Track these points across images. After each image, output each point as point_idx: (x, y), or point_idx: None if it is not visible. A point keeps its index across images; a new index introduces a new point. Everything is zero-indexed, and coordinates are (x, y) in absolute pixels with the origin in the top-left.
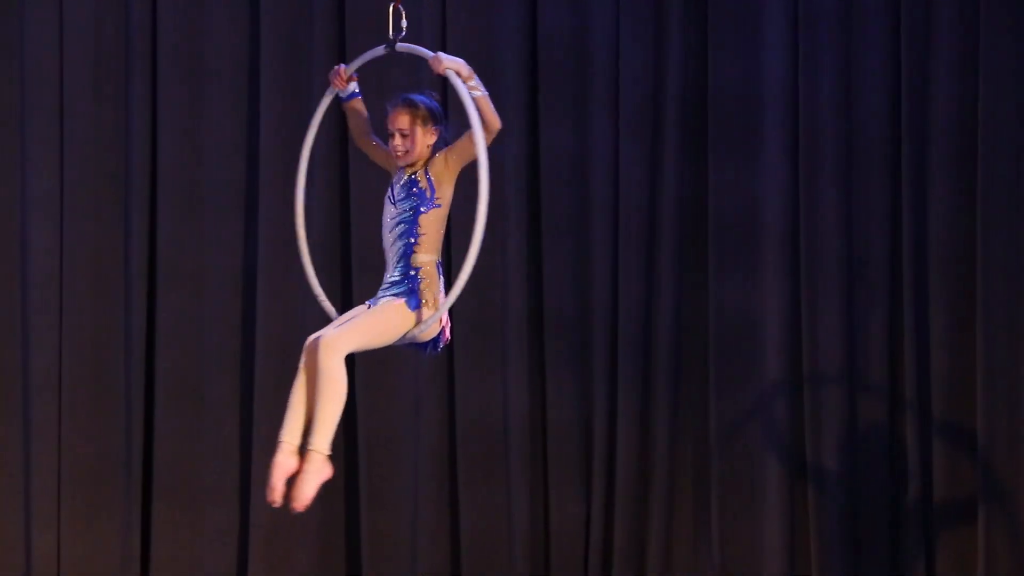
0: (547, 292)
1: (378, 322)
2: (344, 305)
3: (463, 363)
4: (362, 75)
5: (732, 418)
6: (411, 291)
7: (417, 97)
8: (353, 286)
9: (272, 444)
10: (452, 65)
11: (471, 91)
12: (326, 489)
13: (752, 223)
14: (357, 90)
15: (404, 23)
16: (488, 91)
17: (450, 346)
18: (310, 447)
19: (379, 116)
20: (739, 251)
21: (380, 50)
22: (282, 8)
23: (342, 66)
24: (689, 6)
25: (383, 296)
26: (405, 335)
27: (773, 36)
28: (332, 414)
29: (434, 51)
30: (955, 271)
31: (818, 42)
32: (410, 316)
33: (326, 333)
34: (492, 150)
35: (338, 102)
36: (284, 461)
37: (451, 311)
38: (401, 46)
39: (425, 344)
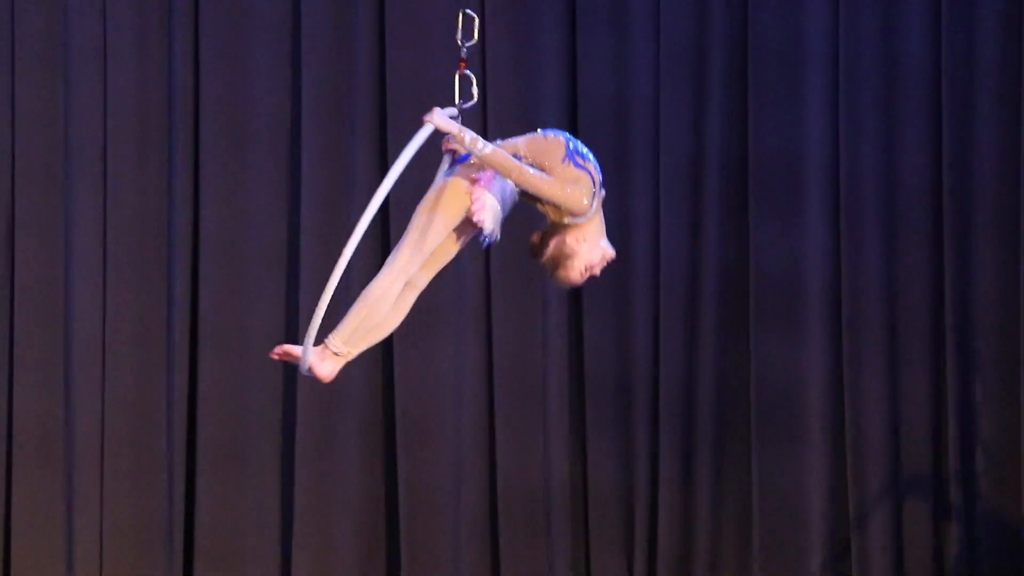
0: (588, 355)
1: None
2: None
3: (504, 427)
4: None
5: (775, 483)
6: None
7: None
8: None
9: (313, 511)
10: (435, 122)
11: (474, 150)
12: (368, 549)
13: (794, 286)
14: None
15: (475, 90)
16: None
17: (491, 410)
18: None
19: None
20: (781, 314)
21: (452, 110)
22: (324, 71)
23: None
24: (730, 69)
25: None
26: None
27: (814, 98)
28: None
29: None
30: (999, 334)
31: (860, 104)
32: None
33: None
34: (532, 209)
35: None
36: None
37: (492, 370)
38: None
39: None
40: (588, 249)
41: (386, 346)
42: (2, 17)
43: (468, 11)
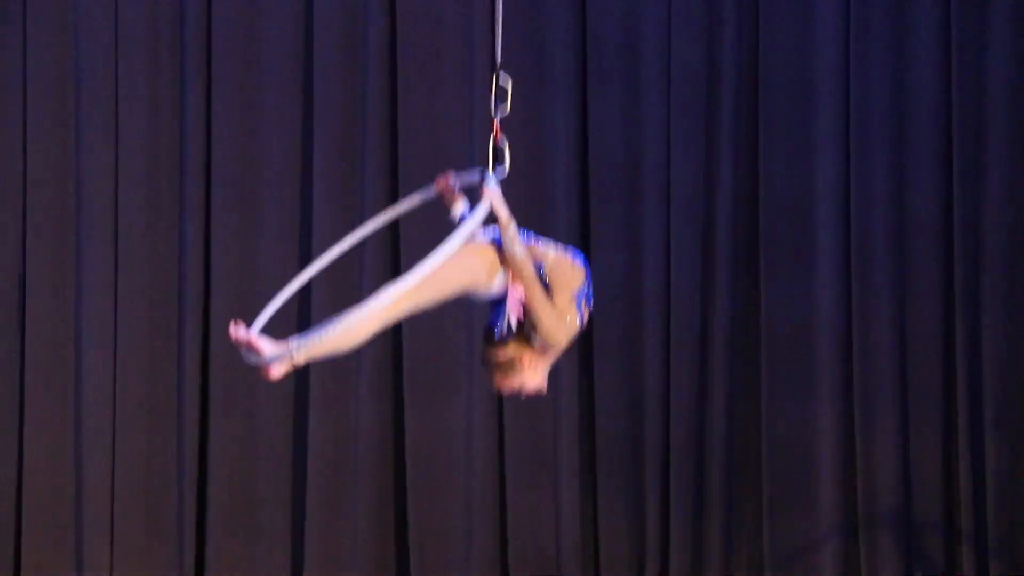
0: (598, 414)
1: None
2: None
3: (515, 487)
4: None
5: (787, 543)
6: None
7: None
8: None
9: (324, 574)
10: (494, 201)
11: (508, 242)
12: None
13: (805, 341)
14: (468, 211)
15: (507, 158)
16: (540, 207)
17: (501, 470)
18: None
19: None
20: (792, 370)
21: (476, 175)
22: (334, 117)
23: (450, 174)
24: (740, 125)
25: None
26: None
27: (826, 153)
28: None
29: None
30: (1011, 392)
31: (870, 162)
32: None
33: None
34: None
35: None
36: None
37: (503, 430)
38: (488, 176)
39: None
40: (534, 375)
41: (396, 406)
42: (13, 73)
43: (503, 74)
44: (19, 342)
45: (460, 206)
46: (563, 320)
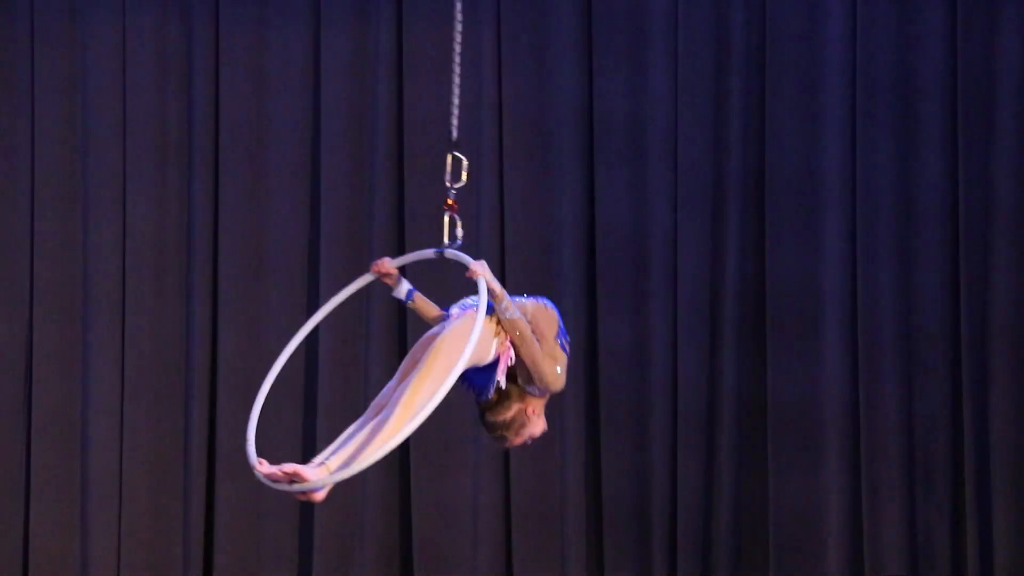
0: (605, 485)
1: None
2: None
3: (521, 557)
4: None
5: None
6: None
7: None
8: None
9: None
10: (487, 276)
11: (504, 311)
12: None
13: (812, 413)
14: (411, 287)
15: (460, 231)
16: (546, 279)
17: (508, 542)
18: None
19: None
20: (798, 441)
21: (430, 253)
22: (342, 204)
23: (386, 259)
24: (747, 200)
25: None
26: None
27: (831, 228)
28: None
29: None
30: (1018, 471)
31: (876, 236)
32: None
33: None
34: None
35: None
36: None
37: (510, 502)
38: (450, 252)
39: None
40: (538, 422)
41: (403, 477)
42: (22, 150)
43: (457, 154)
44: (26, 415)
45: (403, 285)
46: (556, 365)
